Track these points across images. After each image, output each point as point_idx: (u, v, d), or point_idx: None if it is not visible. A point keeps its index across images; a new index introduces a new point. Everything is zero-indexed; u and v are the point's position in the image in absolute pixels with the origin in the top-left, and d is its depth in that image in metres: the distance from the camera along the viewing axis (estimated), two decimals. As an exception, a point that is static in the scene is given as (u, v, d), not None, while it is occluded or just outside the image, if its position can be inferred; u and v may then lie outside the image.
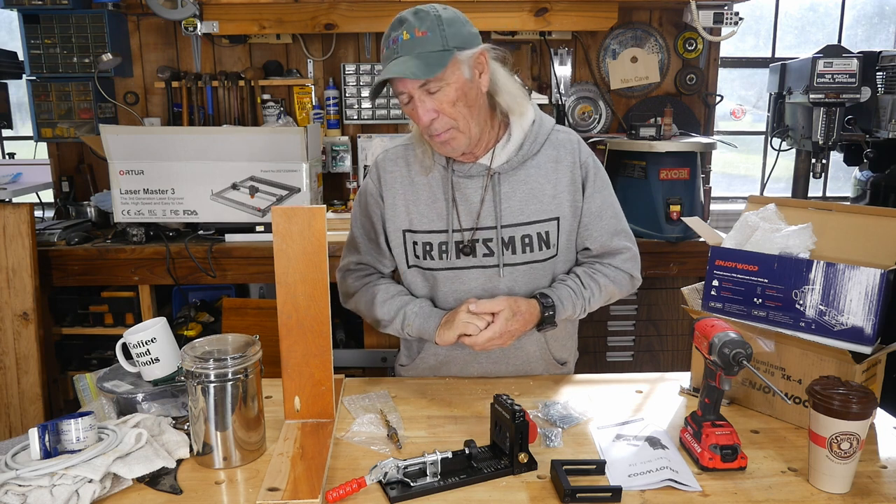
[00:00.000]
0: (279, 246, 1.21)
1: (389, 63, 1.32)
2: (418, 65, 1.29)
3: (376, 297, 1.54)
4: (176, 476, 1.13)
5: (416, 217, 1.50)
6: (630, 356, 2.88)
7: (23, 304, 2.51)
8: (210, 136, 2.56)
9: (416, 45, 1.30)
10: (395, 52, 1.32)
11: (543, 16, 2.87)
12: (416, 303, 1.51)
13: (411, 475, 1.09)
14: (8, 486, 1.02)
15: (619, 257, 1.55)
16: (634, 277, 1.58)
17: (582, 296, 1.48)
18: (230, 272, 2.62)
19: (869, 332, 1.21)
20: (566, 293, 1.47)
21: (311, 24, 2.88)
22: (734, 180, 3.94)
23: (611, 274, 1.53)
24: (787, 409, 1.32)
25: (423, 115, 1.35)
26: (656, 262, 2.69)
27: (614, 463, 1.15)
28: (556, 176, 1.48)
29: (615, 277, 1.53)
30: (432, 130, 1.37)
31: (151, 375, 1.31)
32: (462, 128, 1.38)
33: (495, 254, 1.47)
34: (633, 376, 1.56)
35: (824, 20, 3.72)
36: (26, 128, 3.32)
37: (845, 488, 1.08)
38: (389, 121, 3.22)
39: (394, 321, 1.51)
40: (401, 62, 1.30)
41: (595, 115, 3.29)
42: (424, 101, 1.34)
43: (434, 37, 1.31)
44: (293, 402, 1.27)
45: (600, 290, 1.51)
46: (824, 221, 1.40)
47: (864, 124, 2.81)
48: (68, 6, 2.85)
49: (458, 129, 1.38)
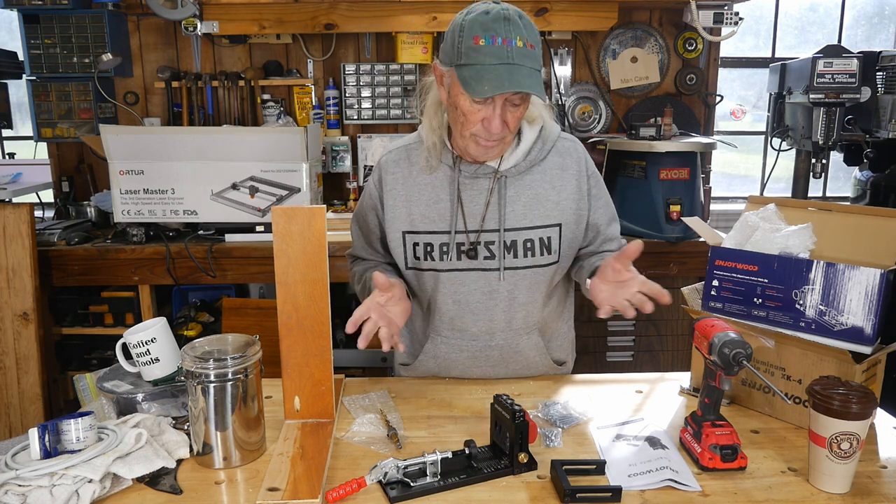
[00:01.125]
0: (279, 246, 1.21)
1: (503, 66, 1.25)
2: (536, 81, 1.27)
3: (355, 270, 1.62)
4: (176, 476, 1.13)
5: (418, 217, 1.50)
6: (630, 356, 2.88)
7: (23, 304, 2.51)
8: (210, 136, 2.56)
9: (527, 56, 1.27)
10: (509, 55, 1.25)
11: (543, 16, 2.87)
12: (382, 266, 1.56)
13: (411, 475, 1.09)
14: (8, 486, 1.02)
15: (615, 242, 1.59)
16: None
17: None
18: (230, 272, 2.62)
19: (869, 332, 1.21)
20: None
21: (311, 24, 2.88)
22: (734, 180, 3.94)
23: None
24: (787, 409, 1.32)
25: (497, 125, 1.31)
26: (656, 262, 2.69)
27: (614, 463, 1.15)
28: (561, 183, 1.49)
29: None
30: (489, 137, 1.35)
31: (151, 375, 1.31)
32: (508, 141, 1.39)
33: (496, 257, 1.47)
34: (633, 376, 1.56)
35: (824, 20, 3.72)
36: (26, 128, 3.32)
37: (845, 488, 1.08)
38: (389, 121, 3.22)
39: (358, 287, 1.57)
40: (522, 73, 1.26)
41: (595, 115, 3.29)
42: (503, 111, 1.31)
43: (537, 54, 1.30)
44: (293, 402, 1.27)
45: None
46: (824, 221, 1.40)
47: (864, 124, 2.81)
48: (68, 6, 2.85)
49: (504, 141, 1.38)
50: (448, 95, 1.37)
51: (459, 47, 1.28)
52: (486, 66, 1.26)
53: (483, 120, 1.32)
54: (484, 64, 1.26)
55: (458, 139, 1.40)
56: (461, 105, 1.33)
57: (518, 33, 1.26)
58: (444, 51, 1.35)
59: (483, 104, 1.31)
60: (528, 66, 1.27)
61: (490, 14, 1.27)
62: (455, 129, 1.40)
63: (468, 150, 1.40)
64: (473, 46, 1.26)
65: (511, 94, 1.29)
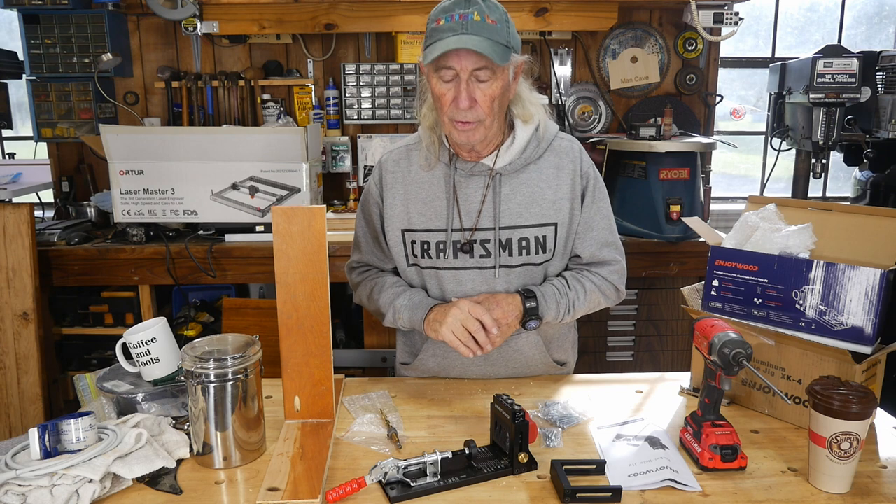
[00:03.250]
0: (279, 246, 1.21)
1: (455, 35, 1.29)
2: (491, 46, 1.29)
3: (372, 291, 1.56)
4: (176, 476, 1.13)
5: (415, 215, 1.50)
6: (630, 356, 2.88)
7: (23, 304, 2.51)
8: (210, 136, 2.56)
9: (485, 29, 1.30)
10: (464, 27, 1.29)
11: (543, 16, 2.87)
12: (405, 295, 1.51)
13: (411, 475, 1.09)
14: (8, 486, 1.02)
15: (607, 268, 1.55)
16: (619, 290, 1.58)
17: (566, 295, 1.48)
18: (230, 272, 2.62)
19: (869, 332, 1.21)
20: (551, 290, 1.47)
21: (311, 24, 2.88)
22: (734, 180, 3.94)
23: (597, 282, 1.53)
24: (787, 409, 1.32)
25: (464, 99, 1.34)
26: (656, 262, 2.69)
27: (614, 463, 1.15)
28: (556, 182, 1.49)
29: (601, 286, 1.53)
30: (461, 116, 1.36)
31: (151, 375, 1.31)
32: (487, 124, 1.39)
33: (492, 255, 1.47)
34: (633, 376, 1.56)
35: (824, 20, 3.72)
36: (26, 128, 3.32)
37: (845, 488, 1.08)
38: (389, 121, 3.22)
39: (387, 314, 1.52)
40: (474, 38, 1.29)
41: (595, 115, 3.29)
42: (470, 86, 1.34)
43: (502, 29, 1.32)
44: (293, 402, 1.27)
45: (586, 294, 1.50)
46: (824, 221, 1.40)
47: (864, 124, 2.81)
48: (68, 6, 2.85)
49: (483, 124, 1.38)
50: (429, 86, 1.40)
51: (427, 33, 1.35)
52: (443, 39, 1.31)
53: (453, 100, 1.35)
54: (442, 38, 1.31)
55: (444, 129, 1.43)
56: (434, 89, 1.37)
57: (478, 10, 1.31)
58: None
59: (451, 83, 1.34)
60: (484, 35, 1.29)
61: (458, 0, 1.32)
62: (440, 120, 1.43)
63: (452, 138, 1.43)
64: (434, 27, 1.33)
65: (476, 70, 1.32)
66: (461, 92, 1.33)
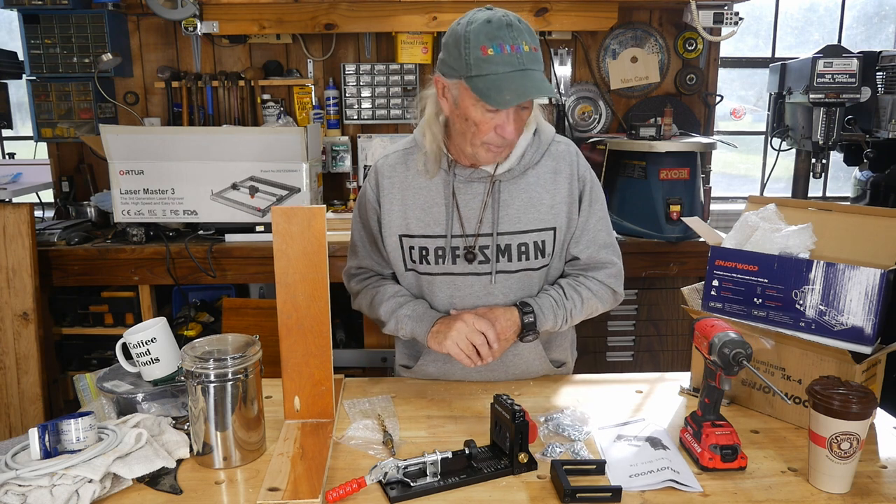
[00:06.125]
0: (279, 246, 1.21)
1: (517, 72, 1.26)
2: (550, 87, 1.29)
3: (374, 300, 1.55)
4: (176, 476, 1.13)
5: (413, 221, 1.49)
6: (630, 356, 2.88)
7: (23, 304, 2.51)
8: (210, 136, 2.56)
9: (535, 60, 1.28)
10: (520, 61, 1.26)
11: (543, 16, 2.87)
12: (408, 305, 1.51)
13: (411, 475, 1.09)
14: (8, 486, 1.02)
15: (604, 272, 1.54)
16: (617, 293, 1.58)
17: (564, 306, 1.48)
18: (230, 272, 2.62)
19: (869, 332, 1.21)
20: (547, 302, 1.47)
21: (311, 24, 2.88)
22: (734, 180, 3.94)
23: (594, 288, 1.53)
24: (787, 409, 1.32)
25: (511, 131, 1.32)
26: (656, 262, 2.69)
27: (615, 463, 1.15)
28: (554, 186, 1.49)
29: (598, 291, 1.53)
30: (502, 143, 1.36)
31: (151, 375, 1.31)
32: (513, 145, 1.40)
33: (490, 261, 1.47)
34: (633, 376, 1.56)
35: (824, 20, 3.72)
36: (26, 128, 3.32)
37: (845, 488, 1.08)
38: (389, 121, 3.22)
39: (388, 323, 1.52)
40: (539, 79, 1.27)
41: (595, 115, 3.29)
42: (516, 116, 1.33)
43: (541, 56, 1.32)
44: (293, 402, 1.27)
45: (583, 302, 1.50)
46: (824, 221, 1.40)
47: (864, 124, 2.81)
48: (68, 6, 2.85)
49: (513, 143, 1.40)
50: (455, 107, 1.36)
51: (468, 59, 1.28)
52: (502, 76, 1.26)
53: (496, 127, 1.33)
54: (498, 73, 1.26)
55: (466, 147, 1.40)
56: (473, 115, 1.33)
57: (522, 38, 1.27)
58: (446, 63, 1.34)
59: (495, 112, 1.31)
60: (538, 69, 1.28)
61: (493, 22, 1.27)
62: (463, 139, 1.40)
63: (478, 158, 1.41)
64: (483, 57, 1.26)
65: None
66: (509, 122, 1.32)
